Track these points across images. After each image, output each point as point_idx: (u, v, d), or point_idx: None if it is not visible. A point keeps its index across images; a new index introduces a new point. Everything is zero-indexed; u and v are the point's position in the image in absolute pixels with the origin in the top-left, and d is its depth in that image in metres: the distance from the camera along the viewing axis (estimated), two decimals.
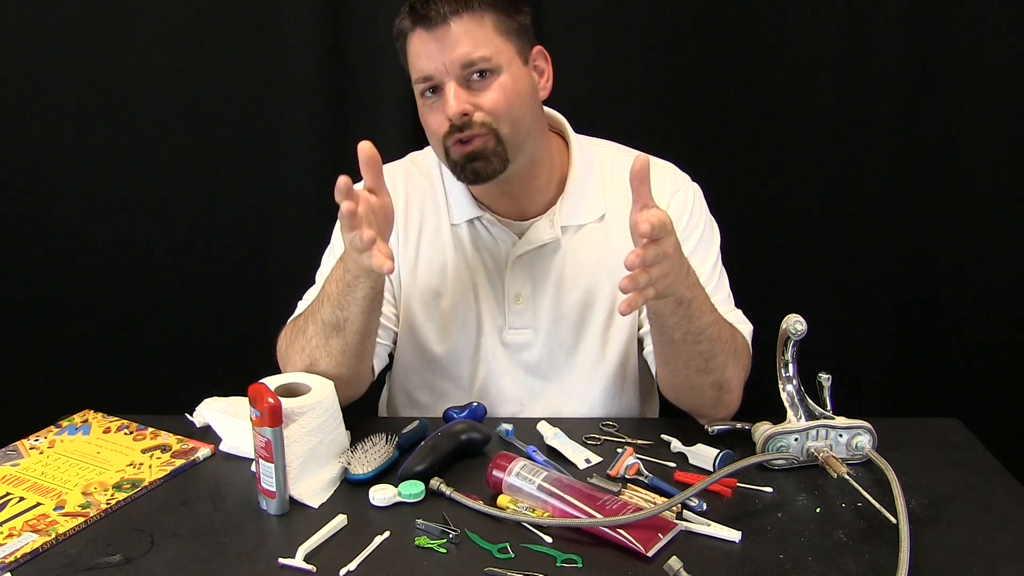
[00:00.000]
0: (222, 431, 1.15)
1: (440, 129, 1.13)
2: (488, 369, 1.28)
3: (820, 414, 1.10)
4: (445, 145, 1.13)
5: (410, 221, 1.27)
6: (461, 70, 1.10)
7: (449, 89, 1.10)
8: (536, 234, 1.23)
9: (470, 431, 1.11)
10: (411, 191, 1.28)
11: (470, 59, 1.10)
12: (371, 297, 1.09)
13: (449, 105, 1.09)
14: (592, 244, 1.24)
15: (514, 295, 1.24)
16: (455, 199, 1.25)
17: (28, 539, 0.94)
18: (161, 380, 1.76)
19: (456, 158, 1.13)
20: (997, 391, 1.73)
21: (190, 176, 1.68)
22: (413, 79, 1.15)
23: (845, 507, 1.01)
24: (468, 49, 1.09)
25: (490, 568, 0.89)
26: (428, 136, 1.18)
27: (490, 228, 1.24)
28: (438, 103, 1.12)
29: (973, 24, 1.56)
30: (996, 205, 1.65)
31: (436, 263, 1.26)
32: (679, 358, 1.11)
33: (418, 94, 1.15)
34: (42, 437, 1.17)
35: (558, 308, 1.25)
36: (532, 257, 1.23)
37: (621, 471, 1.06)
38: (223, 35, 1.60)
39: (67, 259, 1.71)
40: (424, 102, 1.14)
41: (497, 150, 1.12)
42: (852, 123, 1.62)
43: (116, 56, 1.60)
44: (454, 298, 1.25)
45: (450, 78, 1.10)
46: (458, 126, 1.10)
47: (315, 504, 1.01)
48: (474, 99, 1.11)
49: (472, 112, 1.11)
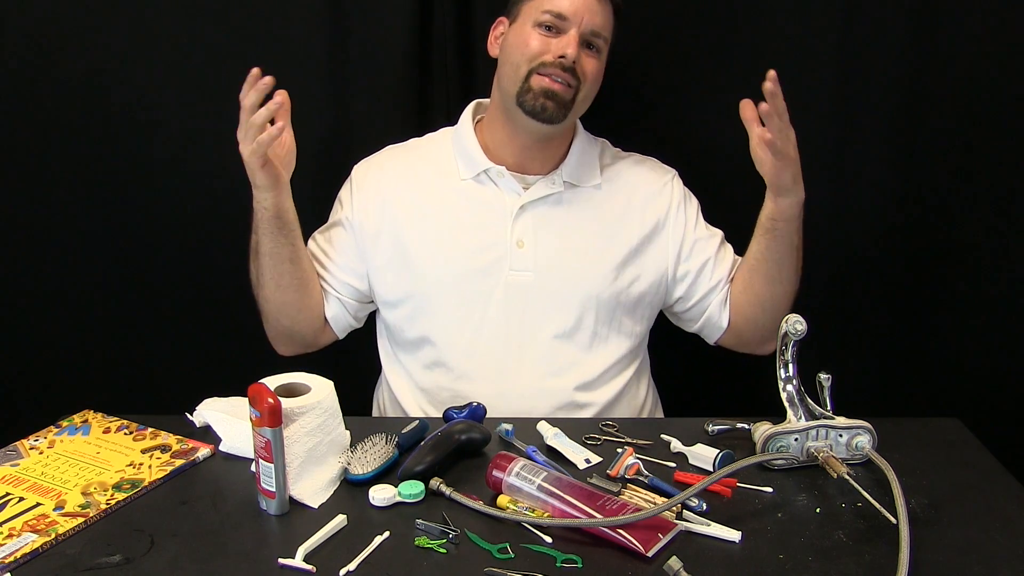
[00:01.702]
0: (222, 431, 1.15)
1: (541, 55, 1.26)
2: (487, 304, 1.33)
3: (820, 414, 1.10)
4: (532, 69, 1.26)
5: (408, 181, 1.37)
6: (590, 31, 1.27)
7: (574, 36, 1.25)
8: (543, 185, 1.34)
9: (470, 431, 1.11)
10: (414, 156, 1.41)
11: (599, 32, 1.28)
12: (270, 218, 1.26)
13: (572, 48, 1.25)
14: (589, 204, 1.36)
15: (517, 240, 1.32)
16: (465, 156, 1.36)
17: (28, 539, 0.94)
18: (161, 380, 1.75)
19: (536, 86, 1.26)
20: (997, 391, 1.73)
21: (190, 176, 1.67)
22: (538, 6, 1.27)
23: (845, 507, 1.01)
24: (602, 23, 1.28)
25: (490, 568, 0.89)
26: (514, 53, 1.28)
27: (497, 180, 1.34)
28: (549, 36, 1.27)
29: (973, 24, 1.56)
30: (996, 205, 1.65)
31: (441, 214, 1.34)
32: (791, 265, 1.32)
33: (532, 19, 1.27)
34: (42, 437, 1.17)
35: (556, 253, 1.33)
36: (536, 206, 1.34)
37: (621, 471, 1.06)
38: (223, 34, 1.60)
39: (67, 259, 1.70)
40: (536, 29, 1.27)
41: (568, 103, 1.28)
42: (852, 123, 1.62)
43: (115, 52, 1.60)
44: (459, 241, 1.33)
45: (578, 30, 1.26)
46: (564, 67, 1.25)
47: (315, 504, 1.01)
48: (580, 58, 1.27)
49: (576, 65, 1.26)
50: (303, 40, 1.59)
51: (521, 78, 1.27)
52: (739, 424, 1.16)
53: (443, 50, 1.59)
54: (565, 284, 1.32)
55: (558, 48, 1.25)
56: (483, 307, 1.32)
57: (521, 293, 1.32)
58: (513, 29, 1.30)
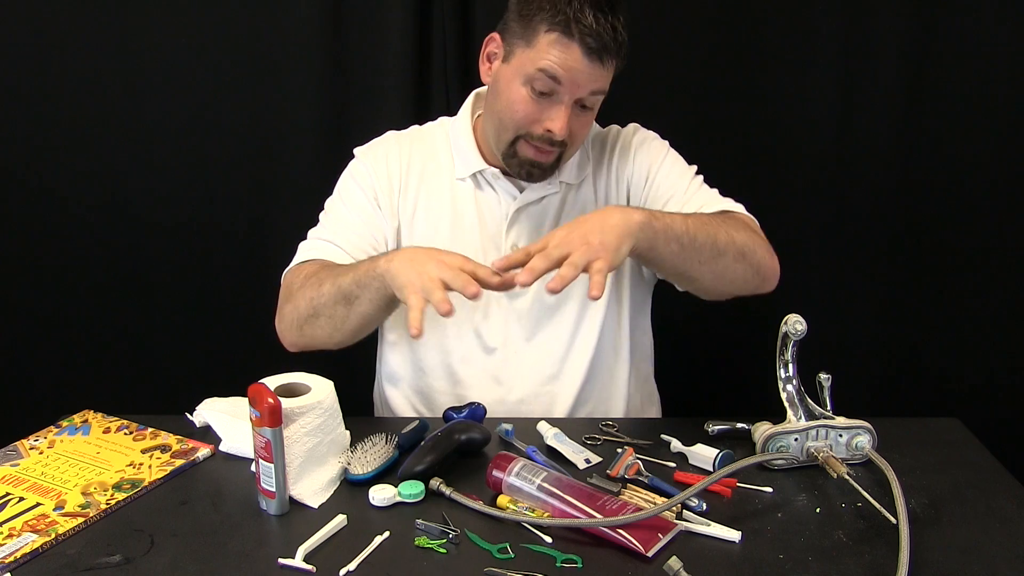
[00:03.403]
0: (222, 431, 1.15)
1: (530, 124, 1.19)
2: (484, 312, 1.31)
3: (820, 414, 1.10)
4: (518, 135, 1.21)
5: (411, 175, 1.32)
6: (587, 96, 1.18)
7: (567, 106, 1.17)
8: (538, 188, 1.30)
9: (470, 431, 1.11)
10: (415, 148, 1.35)
11: (599, 90, 1.19)
12: (385, 296, 1.13)
13: (563, 123, 1.17)
14: (579, 200, 1.33)
15: (511, 244, 1.30)
16: (461, 155, 1.32)
17: (28, 539, 0.94)
18: (161, 380, 1.76)
19: (521, 155, 1.22)
20: (997, 391, 1.73)
21: (190, 177, 1.67)
22: (533, 60, 1.16)
23: (845, 507, 1.01)
24: (599, 87, 1.18)
25: (490, 568, 0.89)
26: (503, 112, 1.21)
27: (493, 183, 1.31)
28: (542, 102, 1.18)
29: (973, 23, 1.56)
30: (996, 205, 1.65)
31: (436, 213, 1.31)
32: (691, 265, 1.16)
33: (524, 75, 1.17)
34: (42, 437, 1.16)
35: None
36: (531, 210, 1.31)
37: (621, 471, 1.06)
38: (223, 32, 1.60)
39: (67, 259, 1.71)
40: (527, 89, 1.18)
41: (554, 166, 1.24)
42: (853, 124, 1.62)
43: (115, 53, 1.60)
44: (452, 245, 1.28)
45: (571, 99, 1.17)
46: (551, 140, 1.19)
47: (315, 504, 1.01)
48: (570, 123, 1.19)
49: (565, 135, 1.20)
50: (303, 35, 1.59)
51: (507, 142, 1.22)
52: (739, 424, 1.16)
53: (443, 48, 1.59)
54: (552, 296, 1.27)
55: (548, 120, 1.18)
56: (481, 314, 1.30)
57: (515, 300, 1.29)
58: (504, 74, 1.20)
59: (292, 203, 1.68)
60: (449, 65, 1.60)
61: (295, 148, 1.66)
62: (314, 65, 1.60)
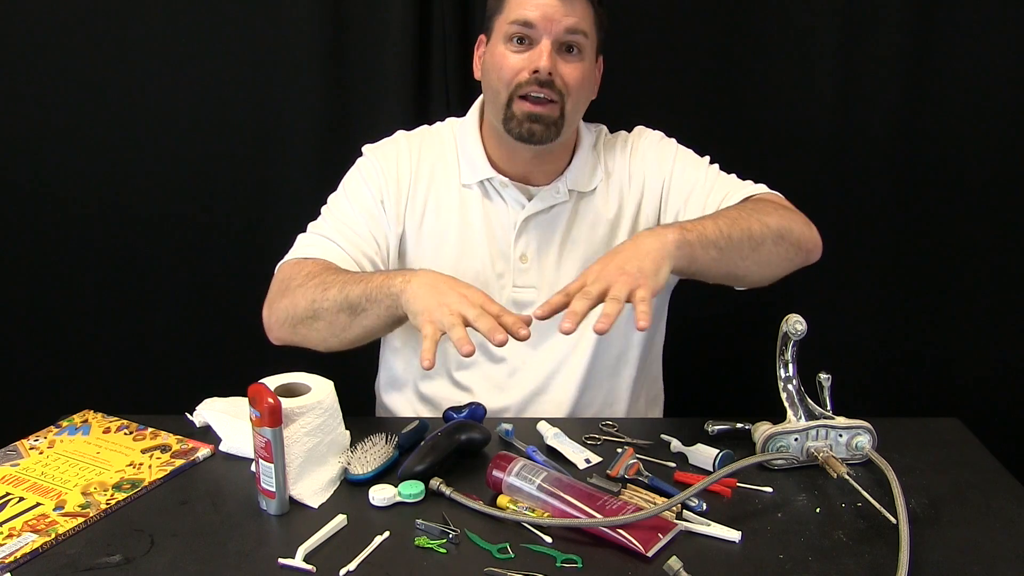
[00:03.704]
0: (222, 431, 1.15)
1: (516, 76, 1.18)
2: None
3: (820, 414, 1.10)
4: (512, 93, 1.19)
5: (419, 179, 1.30)
6: (564, 34, 1.17)
7: (546, 46, 1.16)
8: (546, 196, 1.28)
9: (470, 431, 1.11)
10: (424, 151, 1.32)
11: (575, 30, 1.17)
12: (394, 316, 1.10)
13: (545, 59, 1.15)
14: (590, 210, 1.31)
15: (520, 254, 1.28)
16: (468, 160, 1.30)
17: (28, 539, 0.94)
18: (161, 380, 1.75)
19: (518, 112, 1.19)
20: (997, 391, 1.73)
21: (190, 177, 1.67)
22: (506, 18, 1.18)
23: (845, 507, 1.01)
24: (576, 20, 1.17)
25: (490, 568, 0.89)
26: (492, 78, 1.21)
27: (501, 190, 1.29)
28: (523, 52, 1.18)
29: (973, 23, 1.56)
30: (996, 205, 1.65)
31: (443, 220, 1.29)
32: (735, 264, 1.14)
33: (502, 35, 1.19)
34: (42, 437, 1.16)
35: (559, 268, 1.29)
36: (539, 219, 1.29)
37: (621, 471, 1.06)
38: (223, 32, 1.60)
39: (67, 258, 1.70)
40: (507, 45, 1.18)
41: (557, 121, 1.20)
42: (852, 123, 1.62)
43: (114, 51, 1.60)
44: (460, 254, 1.28)
45: (550, 37, 1.16)
46: (541, 81, 1.16)
47: (315, 504, 1.01)
48: (558, 67, 1.17)
49: (554, 77, 1.17)
50: (303, 34, 1.59)
51: (503, 105, 1.20)
52: (739, 424, 1.16)
53: (443, 48, 1.59)
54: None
55: (530, 62, 1.17)
56: None
57: (525, 311, 1.26)
58: (489, 49, 1.23)
59: (292, 203, 1.67)
60: (449, 65, 1.60)
61: (295, 148, 1.65)
62: (314, 65, 1.60)
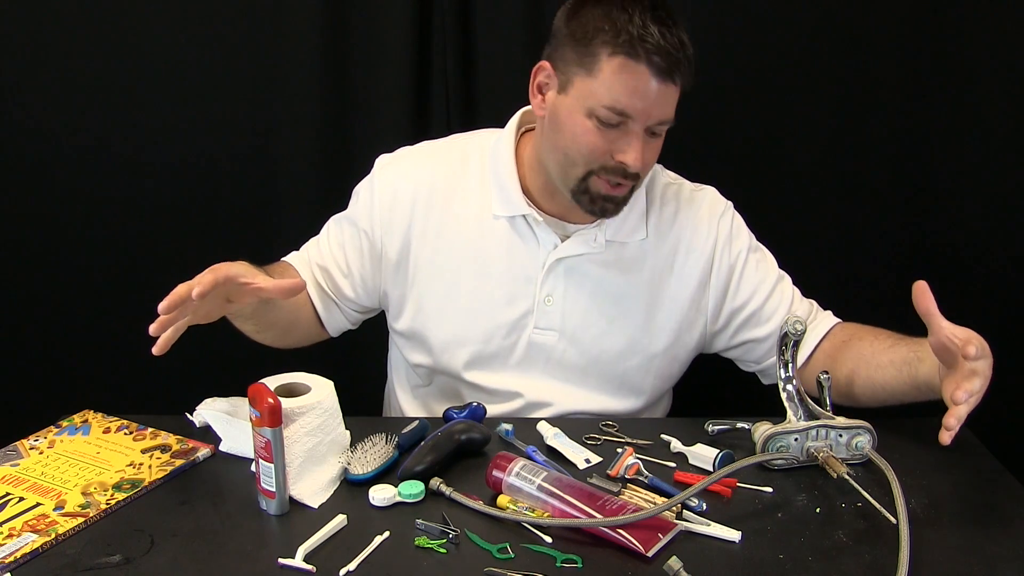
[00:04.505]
0: (222, 431, 1.15)
1: (599, 156, 1.11)
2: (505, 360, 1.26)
3: (820, 414, 1.10)
4: (589, 170, 1.12)
5: (432, 208, 1.24)
6: (656, 124, 1.11)
7: (640, 138, 1.10)
8: (581, 241, 1.22)
9: (470, 431, 1.11)
10: (449, 173, 1.25)
11: (668, 119, 1.11)
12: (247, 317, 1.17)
13: (637, 156, 1.10)
14: (628, 262, 1.24)
15: (546, 295, 1.23)
16: (502, 192, 1.22)
17: (28, 539, 0.94)
18: (161, 380, 1.75)
19: (594, 190, 1.13)
20: (997, 391, 1.73)
21: (190, 177, 1.67)
22: (599, 95, 1.07)
23: (845, 507, 1.01)
24: (670, 112, 1.11)
25: (490, 568, 0.89)
26: (569, 145, 1.12)
27: (534, 226, 1.22)
28: (611, 132, 1.09)
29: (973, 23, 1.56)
30: (996, 204, 1.65)
31: (460, 253, 1.24)
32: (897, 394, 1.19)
33: (590, 110, 1.09)
34: (42, 437, 1.16)
35: (586, 314, 1.24)
36: (571, 262, 1.23)
37: (621, 471, 1.06)
38: (223, 32, 1.60)
39: (67, 258, 1.71)
40: (595, 122, 1.09)
41: (628, 198, 1.17)
42: (853, 123, 1.62)
43: (113, 52, 1.60)
44: (476, 290, 1.24)
45: (642, 126, 1.09)
46: (625, 173, 1.11)
47: (315, 504, 1.01)
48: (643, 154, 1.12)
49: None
50: (302, 39, 1.59)
51: (576, 178, 1.13)
52: (739, 424, 1.16)
53: (442, 46, 1.59)
54: (588, 351, 1.24)
55: (619, 152, 1.10)
56: (501, 362, 1.26)
57: (543, 353, 1.25)
58: (563, 105, 1.11)
59: (292, 204, 1.68)
60: (449, 66, 1.60)
61: (295, 150, 1.65)
62: (314, 65, 1.60)
